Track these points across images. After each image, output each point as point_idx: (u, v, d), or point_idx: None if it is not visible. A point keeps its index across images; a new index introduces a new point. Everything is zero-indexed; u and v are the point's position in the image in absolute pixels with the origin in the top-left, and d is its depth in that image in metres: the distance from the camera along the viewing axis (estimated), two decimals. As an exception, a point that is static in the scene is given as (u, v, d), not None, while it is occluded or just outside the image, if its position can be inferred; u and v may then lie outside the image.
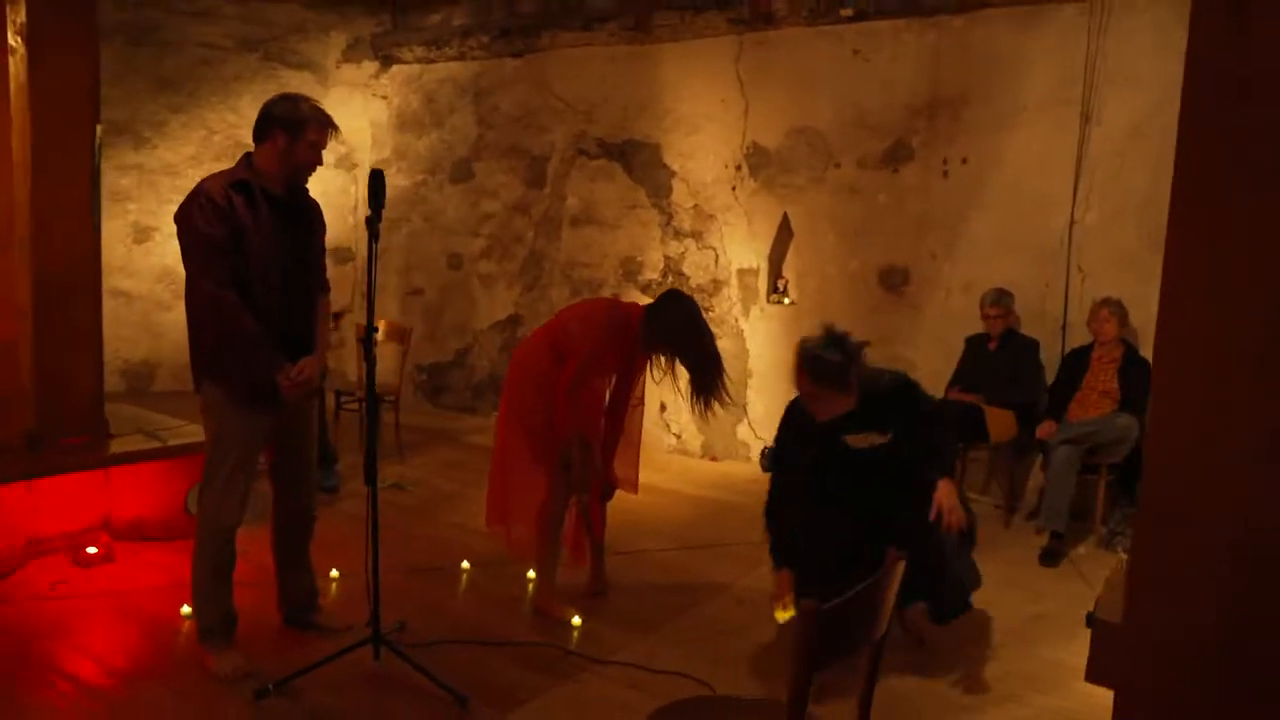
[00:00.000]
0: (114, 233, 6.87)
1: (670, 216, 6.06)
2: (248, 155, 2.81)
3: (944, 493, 2.78)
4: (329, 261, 7.96)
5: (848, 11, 5.20)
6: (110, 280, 7.04)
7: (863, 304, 5.38)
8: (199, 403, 2.78)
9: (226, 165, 7.63)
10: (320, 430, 4.85)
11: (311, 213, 2.90)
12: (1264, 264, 1.17)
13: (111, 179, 6.96)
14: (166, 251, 6.83)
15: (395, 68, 7.27)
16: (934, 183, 5.16)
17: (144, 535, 3.78)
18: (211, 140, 6.99)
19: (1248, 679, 1.26)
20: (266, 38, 7.08)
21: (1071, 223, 4.82)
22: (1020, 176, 4.93)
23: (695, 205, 5.95)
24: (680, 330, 3.17)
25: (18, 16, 3.34)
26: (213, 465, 2.73)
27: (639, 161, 6.16)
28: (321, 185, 7.70)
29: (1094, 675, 1.41)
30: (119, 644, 2.98)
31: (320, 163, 2.81)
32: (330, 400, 5.28)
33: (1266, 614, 1.24)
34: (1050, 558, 4.09)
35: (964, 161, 5.06)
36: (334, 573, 3.55)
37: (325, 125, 2.75)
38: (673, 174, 6.02)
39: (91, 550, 3.54)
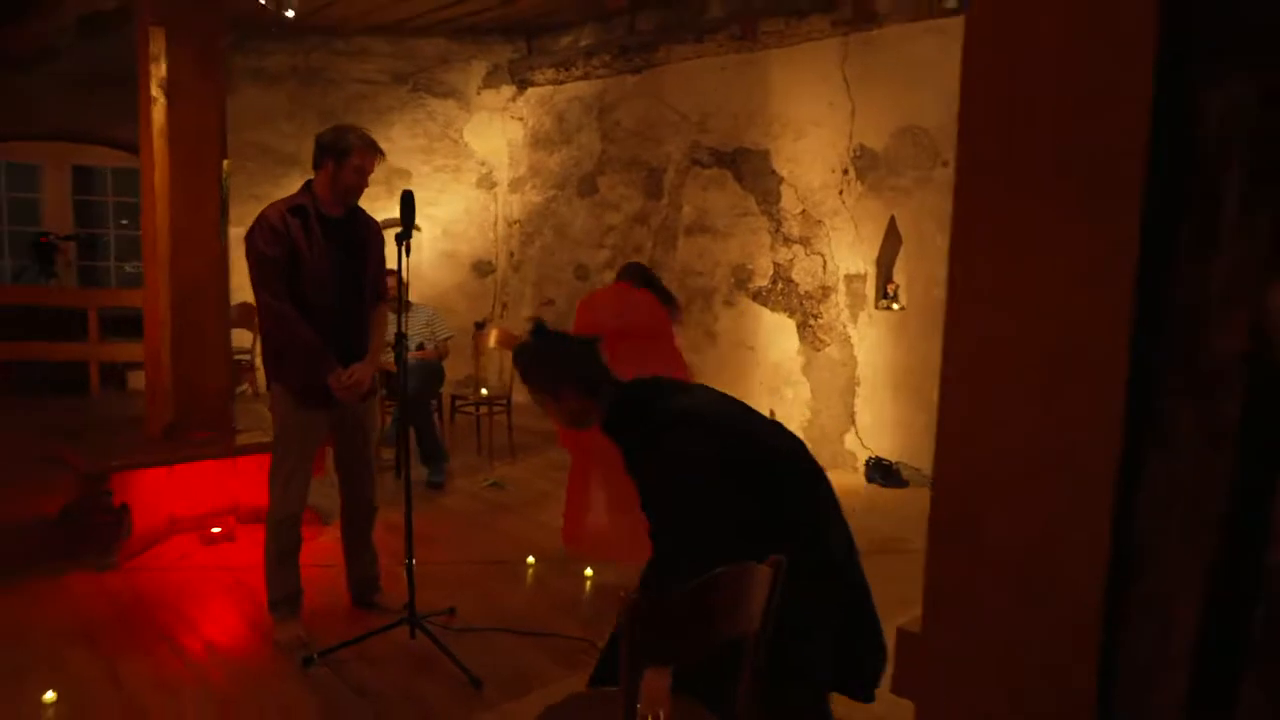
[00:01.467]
0: (286, 252, 7.74)
1: (779, 223, 6.04)
2: (308, 182, 3.14)
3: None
4: (470, 274, 8.43)
5: (951, 3, 5.00)
6: (283, 294, 7.94)
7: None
8: (267, 402, 3.15)
9: (382, 190, 8.27)
10: (431, 430, 5.27)
11: (366, 231, 3.19)
12: (1047, 265, 1.16)
13: (284, 205, 7.84)
14: (330, 268, 7.58)
15: (530, 90, 7.70)
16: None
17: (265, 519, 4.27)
18: (368, 166, 7.70)
19: (1042, 689, 1.24)
20: (415, 70, 7.71)
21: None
22: (1144, 168, 4.52)
23: (803, 211, 5.90)
24: None
25: (160, 72, 3.91)
26: (276, 459, 3.09)
27: (749, 169, 6.18)
28: (465, 203, 8.25)
29: (897, 687, 1.39)
30: (213, 613, 3.42)
31: (365, 185, 3.07)
32: (446, 402, 5.69)
33: (1058, 623, 1.22)
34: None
35: (1081, 155, 4.72)
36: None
37: (368, 150, 3.03)
38: (781, 180, 6.00)
39: (215, 530, 4.06)
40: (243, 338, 6.84)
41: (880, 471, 5.39)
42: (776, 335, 6.09)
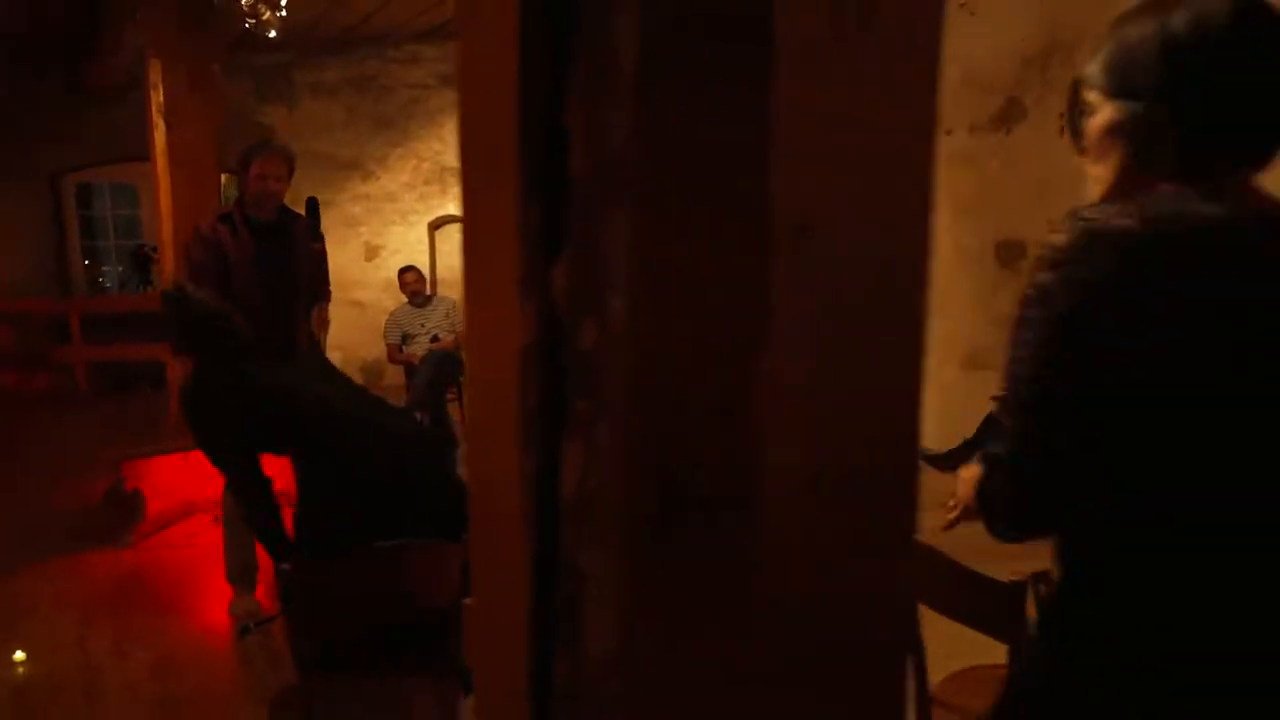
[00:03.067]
0: (349, 253, 8.24)
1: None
2: (242, 193, 3.43)
3: None
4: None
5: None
6: (348, 293, 8.46)
7: (980, 283, 4.90)
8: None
9: (435, 189, 8.63)
10: (444, 416, 5.56)
11: (297, 233, 3.45)
12: (487, 259, 1.25)
13: (345, 208, 8.35)
14: (391, 265, 8.03)
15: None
16: (1050, 143, 4.55)
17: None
18: (421, 168, 8.10)
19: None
20: (462, 72, 8.02)
21: (1209, 174, 4.02)
22: (1146, 124, 4.20)
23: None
24: None
25: (159, 98, 4.33)
26: (222, 445, 3.40)
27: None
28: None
29: (468, 660, 1.50)
30: (196, 587, 3.81)
31: (270, 190, 3.30)
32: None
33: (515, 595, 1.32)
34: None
35: (1081, 114, 4.42)
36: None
37: (267, 158, 3.27)
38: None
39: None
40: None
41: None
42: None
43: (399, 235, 8.10)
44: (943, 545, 1.60)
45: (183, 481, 4.52)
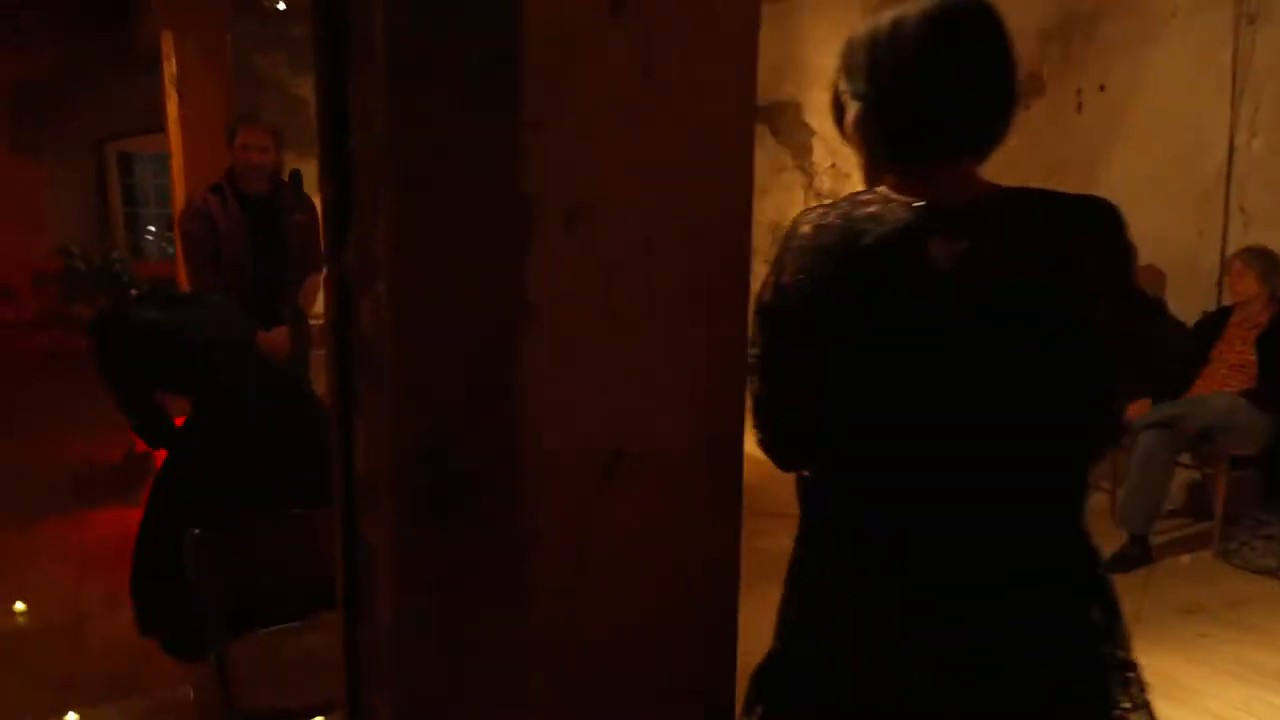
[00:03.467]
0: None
1: (811, 178, 5.85)
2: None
3: None
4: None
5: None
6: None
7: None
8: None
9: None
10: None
11: (289, 204, 3.50)
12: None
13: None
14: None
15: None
16: (1067, 118, 4.39)
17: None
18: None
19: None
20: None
21: (1231, 152, 3.84)
22: (1168, 100, 4.03)
23: (833, 164, 5.68)
24: None
25: (171, 69, 4.41)
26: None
27: (783, 123, 6.01)
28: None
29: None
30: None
31: (255, 162, 3.35)
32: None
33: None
34: (1119, 563, 3.42)
35: (1101, 89, 4.26)
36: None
37: (250, 129, 3.31)
38: (813, 133, 5.80)
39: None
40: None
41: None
42: (810, 294, 5.94)
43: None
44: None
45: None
